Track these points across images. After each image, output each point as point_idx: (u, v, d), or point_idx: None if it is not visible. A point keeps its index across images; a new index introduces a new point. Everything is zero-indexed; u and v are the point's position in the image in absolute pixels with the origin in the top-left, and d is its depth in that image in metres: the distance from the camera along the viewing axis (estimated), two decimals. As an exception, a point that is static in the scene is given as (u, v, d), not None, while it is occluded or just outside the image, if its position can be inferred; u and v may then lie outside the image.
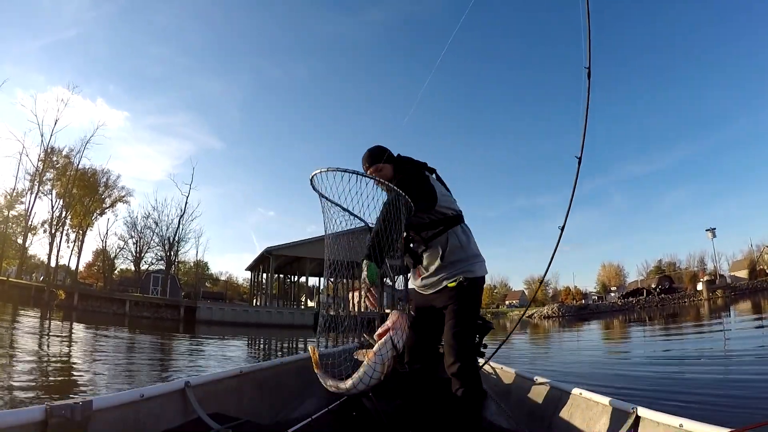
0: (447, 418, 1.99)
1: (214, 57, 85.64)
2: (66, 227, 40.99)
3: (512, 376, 3.05)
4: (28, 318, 17.80)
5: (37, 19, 55.92)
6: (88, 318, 21.39)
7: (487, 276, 2.22)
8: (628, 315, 34.46)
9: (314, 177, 1.81)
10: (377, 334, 1.75)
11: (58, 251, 40.50)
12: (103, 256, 48.49)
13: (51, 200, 39.46)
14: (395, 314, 1.76)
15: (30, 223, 38.61)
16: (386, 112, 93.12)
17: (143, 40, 73.48)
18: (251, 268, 40.84)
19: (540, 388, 2.57)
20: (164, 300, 32.61)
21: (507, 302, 75.66)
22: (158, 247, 44.03)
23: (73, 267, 44.11)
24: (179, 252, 44.09)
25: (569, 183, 2.77)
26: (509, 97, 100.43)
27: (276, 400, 2.55)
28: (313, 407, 2.33)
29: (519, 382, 2.91)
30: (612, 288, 65.37)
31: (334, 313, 2.06)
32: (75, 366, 7.44)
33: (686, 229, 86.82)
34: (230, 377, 2.28)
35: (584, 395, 2.10)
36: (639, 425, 1.66)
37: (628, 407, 1.73)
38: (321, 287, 45.75)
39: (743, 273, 52.82)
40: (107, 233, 46.95)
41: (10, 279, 32.09)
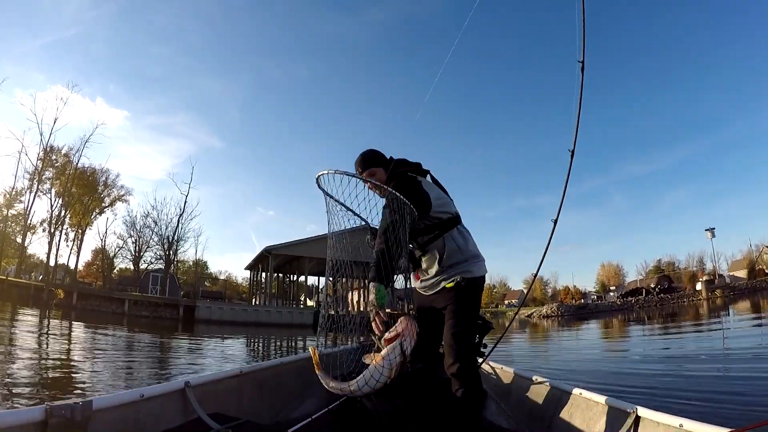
0: (447, 418, 1.99)
1: (214, 57, 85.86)
2: (65, 226, 41.00)
3: (512, 376, 3.05)
4: (27, 317, 17.79)
5: (37, 19, 56.03)
6: (87, 317, 21.39)
7: (487, 276, 2.21)
8: (627, 314, 34.52)
9: (320, 177, 1.88)
10: (385, 339, 1.75)
11: (57, 250, 40.56)
12: (102, 255, 48.49)
13: (50, 199, 39.52)
14: (405, 320, 1.75)
15: (29, 222, 38.63)
16: (386, 112, 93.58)
17: (143, 40, 73.68)
18: (250, 268, 40.82)
19: (540, 388, 2.57)
20: (163, 299, 32.60)
21: (506, 302, 75.75)
22: (157, 246, 44.11)
23: (72, 266, 44.15)
24: (178, 251, 44.17)
25: (564, 176, 2.75)
26: (508, 97, 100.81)
27: (276, 400, 2.55)
28: (313, 407, 2.33)
29: (519, 382, 2.90)
30: (611, 288, 65.48)
31: (334, 313, 2.06)
32: (74, 365, 7.43)
33: (686, 229, 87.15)
34: (230, 377, 2.28)
35: (584, 395, 2.10)
36: (639, 425, 1.66)
37: (628, 407, 1.73)
38: (320, 286, 45.80)
39: (742, 273, 52.96)
40: (106, 232, 47.03)
41: (9, 278, 32.10)
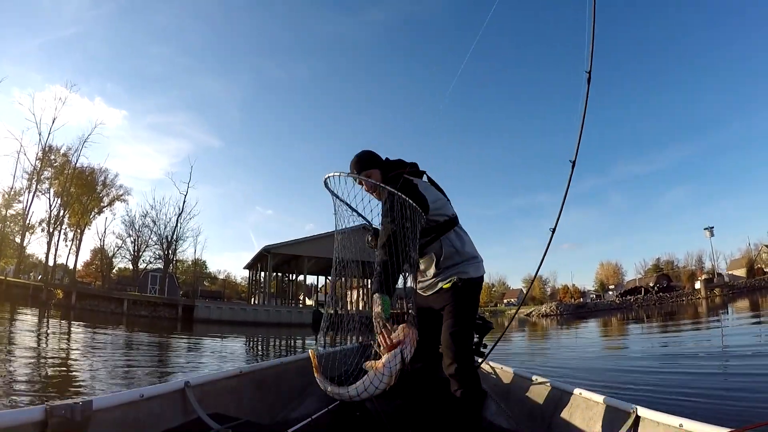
0: (447, 418, 1.99)
1: (214, 57, 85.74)
2: (64, 226, 41.02)
3: (512, 376, 3.04)
4: (26, 317, 17.77)
5: (37, 18, 55.90)
6: (86, 317, 21.37)
7: (486, 275, 2.21)
8: (626, 313, 34.56)
9: (328, 179, 1.93)
10: (385, 347, 1.75)
11: (56, 250, 40.58)
12: (101, 255, 48.48)
13: (49, 199, 39.52)
14: (406, 327, 1.76)
15: (28, 222, 38.61)
16: (386, 112, 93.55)
17: (143, 40, 73.57)
18: (249, 267, 40.81)
19: (540, 388, 2.57)
20: (162, 299, 32.58)
21: (505, 300, 75.87)
22: (156, 246, 44.13)
23: (71, 266, 44.16)
24: (177, 251, 44.19)
25: (564, 183, 2.71)
26: (504, 96, 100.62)
27: (276, 400, 2.55)
28: (313, 407, 2.33)
29: (518, 382, 2.90)
30: (610, 286, 65.60)
31: (334, 311, 2.06)
32: (74, 365, 7.42)
33: (684, 229, 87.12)
34: (230, 377, 2.28)
35: (584, 395, 2.10)
36: (639, 425, 1.66)
37: (628, 407, 1.73)
38: (319, 285, 45.80)
39: (741, 271, 53.09)
40: (105, 232, 47.07)
41: (8, 278, 32.05)
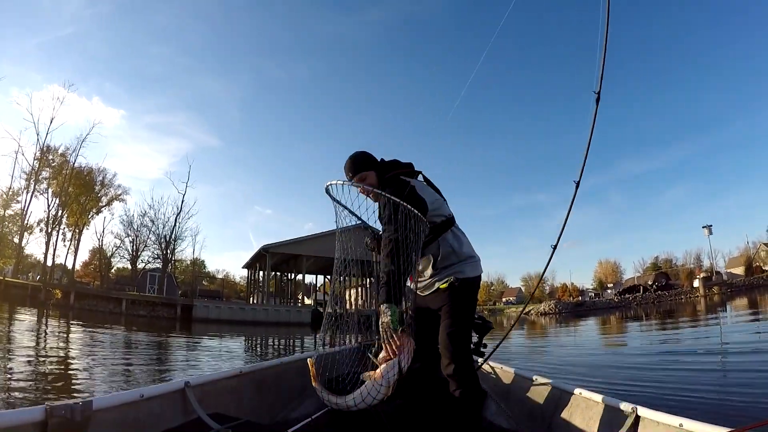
0: (447, 418, 1.99)
1: (214, 57, 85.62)
2: (62, 226, 40.93)
3: (511, 376, 3.04)
4: (25, 317, 17.73)
5: (36, 18, 55.63)
6: (85, 317, 21.30)
7: (484, 273, 2.22)
8: (625, 312, 34.59)
9: (329, 186, 1.98)
10: (381, 358, 1.75)
11: (55, 250, 40.48)
12: (100, 255, 48.40)
13: (47, 199, 39.37)
14: (403, 337, 1.76)
15: (26, 222, 38.48)
16: (386, 112, 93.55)
17: (143, 40, 73.37)
18: (248, 266, 40.75)
19: (540, 388, 2.57)
20: (161, 298, 32.48)
21: (504, 299, 75.95)
22: (155, 246, 43.95)
23: (70, 266, 44.06)
24: (176, 250, 44.08)
25: (568, 182, 2.72)
26: (508, 98, 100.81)
27: (276, 400, 2.55)
28: (313, 407, 2.33)
29: (518, 382, 2.90)
30: (609, 285, 65.66)
31: (332, 311, 2.06)
32: (73, 365, 7.41)
33: (683, 228, 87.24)
34: (230, 377, 2.28)
35: (584, 395, 2.10)
36: (639, 425, 1.66)
37: (628, 407, 1.73)
38: (318, 285, 45.77)
39: (740, 270, 53.20)
40: (103, 232, 46.93)
41: (7, 278, 31.93)
